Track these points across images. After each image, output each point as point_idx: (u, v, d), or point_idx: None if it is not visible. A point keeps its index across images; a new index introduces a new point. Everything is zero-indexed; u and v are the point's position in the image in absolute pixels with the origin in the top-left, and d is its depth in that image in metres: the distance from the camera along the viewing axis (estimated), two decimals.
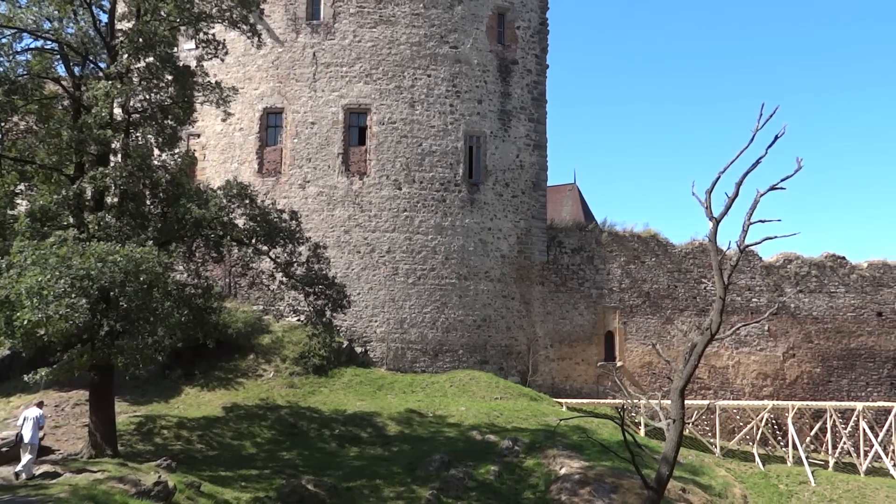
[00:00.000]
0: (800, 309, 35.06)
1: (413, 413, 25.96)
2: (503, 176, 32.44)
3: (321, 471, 21.43)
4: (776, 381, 34.41)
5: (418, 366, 30.31)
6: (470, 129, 31.89)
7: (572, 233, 34.05)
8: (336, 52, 31.35)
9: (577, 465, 21.73)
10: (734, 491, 24.17)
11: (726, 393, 33.60)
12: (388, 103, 31.17)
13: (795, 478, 27.20)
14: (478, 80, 32.22)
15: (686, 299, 34.25)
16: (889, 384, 35.16)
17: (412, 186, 30.94)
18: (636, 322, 33.68)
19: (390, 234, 30.61)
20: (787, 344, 34.78)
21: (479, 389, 28.61)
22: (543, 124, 33.70)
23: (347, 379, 28.28)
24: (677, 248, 34.76)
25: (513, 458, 22.62)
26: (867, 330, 35.36)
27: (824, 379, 34.73)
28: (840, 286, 35.58)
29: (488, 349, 31.33)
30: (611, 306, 33.54)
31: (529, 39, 33.69)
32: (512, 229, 32.35)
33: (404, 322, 30.31)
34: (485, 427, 24.82)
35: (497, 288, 31.71)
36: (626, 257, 34.02)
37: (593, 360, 33.01)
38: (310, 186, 30.88)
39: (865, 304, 35.54)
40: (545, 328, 32.61)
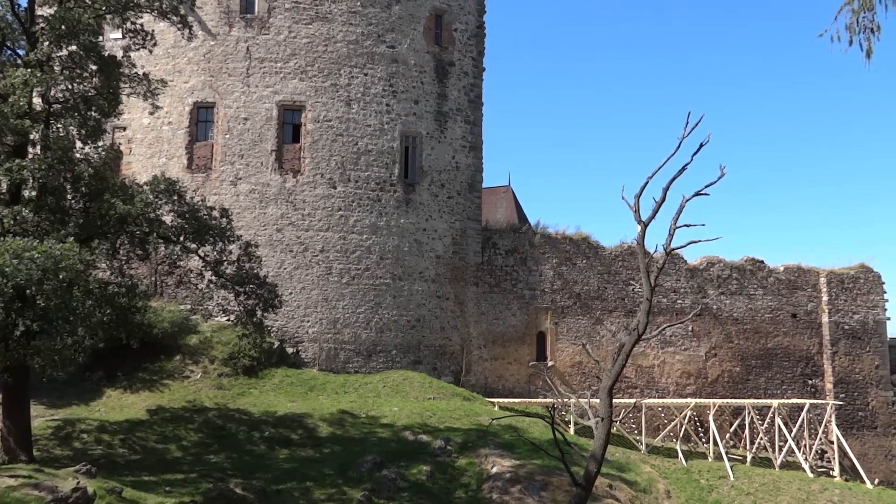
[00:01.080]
0: (721, 310, 36.49)
1: (345, 414, 25.73)
2: (439, 177, 32.55)
3: (250, 474, 20.99)
4: (699, 379, 35.71)
5: (351, 366, 30.08)
6: (406, 129, 31.86)
7: (506, 234, 34.47)
8: (270, 47, 30.79)
9: (508, 464, 21.99)
10: (658, 486, 24.94)
11: (652, 391, 34.66)
12: (323, 101, 30.82)
13: (716, 472, 28.28)
14: (415, 81, 32.22)
15: (615, 300, 35.14)
16: (802, 382, 37.01)
17: (347, 185, 30.69)
18: (567, 322, 34.35)
19: (324, 233, 30.27)
20: (710, 344, 36.14)
21: (413, 390, 28.60)
22: (479, 126, 33.98)
23: (278, 380, 27.80)
24: (607, 250, 35.63)
25: (445, 457, 22.71)
26: (783, 330, 37.12)
27: (743, 377, 36.26)
28: (759, 289, 37.21)
29: (422, 349, 31.37)
30: (543, 307, 34.10)
31: (466, 42, 33.92)
32: (447, 230, 32.49)
33: (338, 322, 30.03)
34: (418, 427, 24.83)
35: (432, 288, 31.79)
36: (558, 259, 34.65)
37: (525, 359, 33.49)
38: (241, 183, 30.22)
39: (781, 305, 37.29)
40: (479, 328, 32.89)
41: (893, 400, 37.66)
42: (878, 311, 37.92)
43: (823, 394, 36.80)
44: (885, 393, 37.48)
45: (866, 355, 37.47)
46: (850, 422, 36.49)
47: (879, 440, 37.11)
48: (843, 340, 37.33)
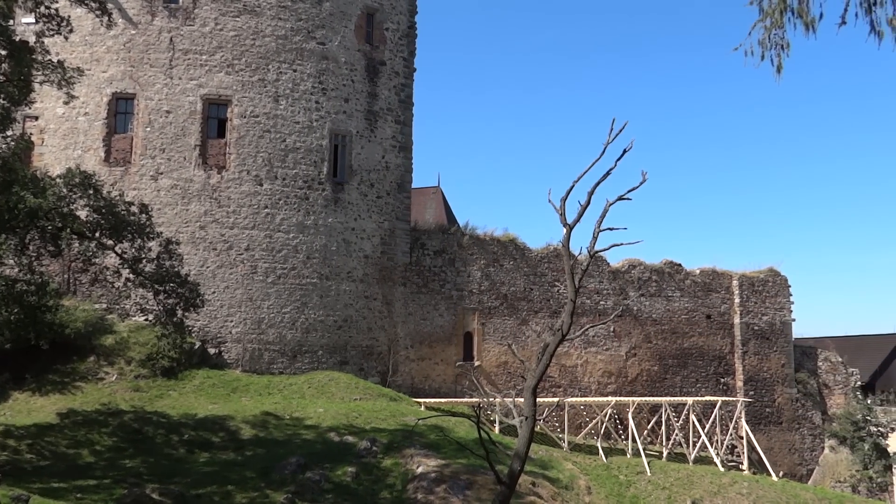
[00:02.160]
0: (641, 311, 37.73)
1: (269, 415, 25.24)
2: (368, 176, 32.38)
3: (167, 478, 20.32)
4: (619, 378, 36.82)
5: (276, 367, 29.55)
6: (336, 127, 31.55)
7: (435, 235, 34.61)
8: (196, 39, 29.91)
9: (433, 464, 22.09)
10: (579, 483, 25.56)
11: (575, 390, 35.49)
12: (250, 96, 30.16)
13: (634, 468, 29.21)
14: (345, 79, 31.95)
15: (540, 301, 35.81)
16: (715, 380, 38.69)
17: (274, 183, 30.13)
18: (494, 323, 34.77)
19: (250, 231, 29.63)
20: (630, 344, 37.32)
21: (339, 390, 28.34)
22: (410, 127, 33.99)
23: (199, 381, 27.02)
24: (534, 252, 36.27)
25: (371, 458, 22.61)
26: (698, 331, 38.71)
27: (661, 376, 37.61)
28: (676, 291, 38.67)
29: (349, 350, 31.12)
30: (470, 307, 34.41)
31: (398, 42, 33.88)
32: (376, 230, 32.35)
33: (262, 322, 29.44)
34: (343, 428, 24.62)
35: (359, 288, 31.59)
36: (485, 260, 35.03)
37: (452, 360, 33.71)
38: (163, 178, 29.23)
39: (697, 307, 38.88)
40: (406, 329, 32.89)
41: (797, 397, 39.88)
42: (785, 313, 40.05)
43: (734, 391, 38.59)
44: (789, 390, 39.64)
45: (774, 354, 39.51)
46: (758, 418, 38.40)
47: (784, 435, 39.21)
48: (753, 340, 39.24)
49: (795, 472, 38.27)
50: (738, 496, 27.33)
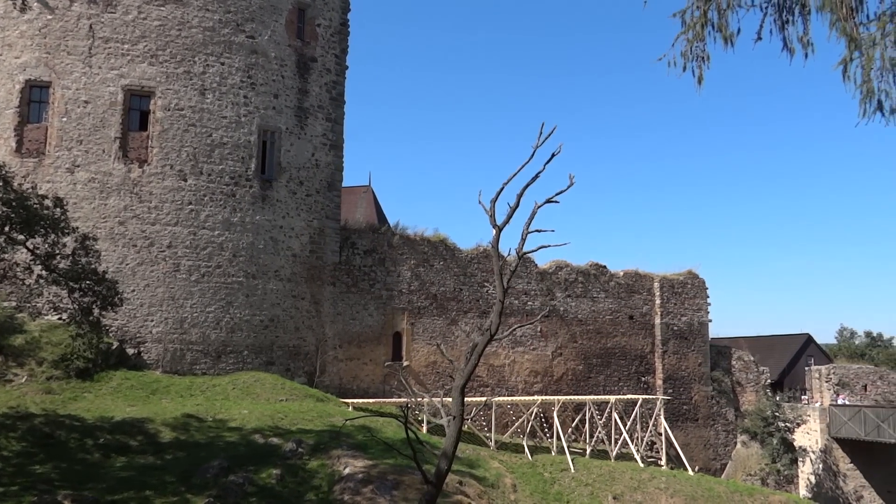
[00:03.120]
0: (567, 312, 38.57)
1: (191, 418, 24.51)
2: (298, 174, 31.89)
3: (81, 485, 19.46)
4: (545, 377, 37.53)
5: (199, 368, 28.74)
6: (265, 123, 30.95)
7: (365, 234, 34.41)
8: (117, 27, 28.77)
9: (360, 465, 21.95)
10: (506, 481, 25.91)
11: (502, 389, 35.97)
12: (175, 88, 29.23)
13: (558, 466, 29.83)
14: (275, 74, 31.38)
15: (470, 301, 36.11)
16: (636, 379, 39.94)
17: (199, 178, 29.30)
18: (423, 323, 34.85)
19: (172, 227, 28.72)
20: (556, 344, 38.09)
21: (264, 391, 27.80)
22: (341, 125, 33.67)
23: (116, 383, 25.98)
24: (464, 252, 36.54)
25: (296, 460, 22.27)
26: (621, 331, 39.87)
27: (585, 375, 38.55)
28: (601, 292, 39.72)
29: (275, 350, 30.58)
30: (400, 307, 34.37)
31: (330, 38, 33.51)
32: (305, 228, 31.90)
33: (185, 321, 28.58)
34: (268, 430, 24.15)
35: (287, 287, 31.08)
36: (416, 260, 35.06)
37: (381, 360, 33.59)
38: (80, 171, 27.99)
39: (620, 308, 40.04)
40: (335, 328, 32.57)
41: (712, 394, 41.61)
42: (702, 314, 41.73)
43: (654, 389, 39.95)
44: (705, 388, 41.34)
45: (691, 354, 41.11)
46: (676, 415, 39.88)
47: (700, 431, 40.86)
48: (672, 340, 40.72)
49: (710, 467, 39.93)
50: (656, 490, 28.29)
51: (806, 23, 12.45)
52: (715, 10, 12.78)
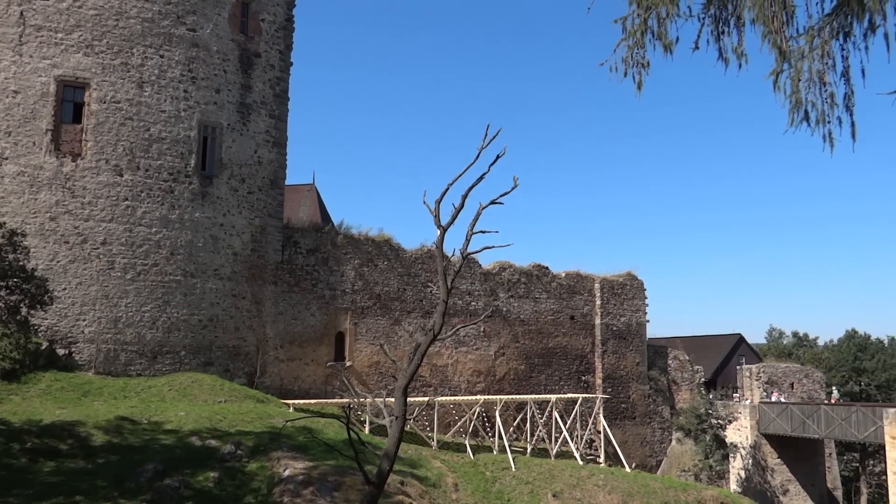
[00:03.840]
0: (510, 312, 38.98)
1: (124, 420, 23.76)
2: (239, 171, 31.29)
3: (6, 490, 18.63)
4: (488, 377, 37.83)
5: (133, 369, 27.90)
6: (205, 118, 30.26)
7: (308, 233, 34.01)
8: (50, 14, 27.68)
9: (301, 466, 21.69)
10: (447, 480, 26.01)
11: (445, 389, 36.09)
12: (111, 80, 28.30)
13: (499, 464, 30.11)
14: (217, 69, 30.71)
15: (414, 302, 36.11)
16: (577, 378, 40.67)
17: (136, 174, 28.44)
18: (366, 323, 34.67)
19: (107, 224, 27.79)
20: (499, 344, 38.44)
21: (202, 393, 27.17)
22: (284, 122, 33.18)
23: (46, 385, 24.98)
24: (408, 252, 36.52)
25: (235, 462, 21.85)
26: (562, 331, 40.53)
27: (527, 374, 39.03)
28: (543, 293, 40.28)
29: (214, 350, 29.94)
30: (343, 307, 34.11)
31: (274, 34, 32.99)
32: (246, 226, 31.32)
33: (119, 321, 27.71)
34: (206, 432, 23.62)
35: (227, 286, 30.46)
36: (360, 260, 34.85)
37: (323, 360, 33.27)
38: (8, 164, 26.82)
39: (562, 308, 40.70)
40: (276, 328, 32.09)
41: (649, 393, 42.71)
42: (641, 315, 42.78)
43: (594, 388, 40.75)
44: (642, 387, 42.39)
45: (629, 353, 42.09)
46: (615, 413, 40.77)
47: (637, 429, 41.88)
48: (612, 340, 41.61)
49: (646, 464, 40.97)
50: (594, 488, 28.86)
51: (740, 34, 12.93)
52: (655, 18, 13.15)
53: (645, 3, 13.11)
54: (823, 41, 12.47)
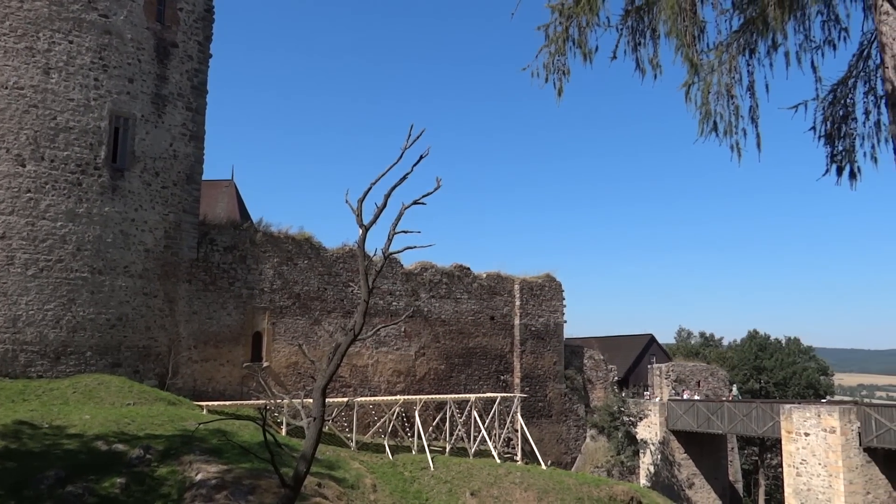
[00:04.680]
0: (431, 312, 39.14)
1: (23, 425, 22.45)
2: (153, 164, 30.12)
3: None
4: (408, 377, 37.85)
5: (34, 370, 26.40)
6: (117, 108, 28.97)
7: (226, 230, 33.10)
8: None
9: (214, 470, 21.09)
10: (366, 481, 25.88)
11: (365, 390, 35.88)
12: (14, 65, 26.70)
13: (418, 464, 30.19)
14: (130, 58, 29.46)
15: (334, 301, 35.72)
16: (496, 378, 41.24)
17: (40, 165, 26.93)
18: (285, 323, 34.05)
19: (7, 216, 26.20)
20: (420, 344, 38.53)
21: (109, 395, 26.01)
22: (202, 115, 32.16)
23: None
24: (329, 251, 36.09)
25: (144, 467, 21.01)
26: (482, 331, 41.01)
27: (447, 374, 39.28)
28: (464, 293, 40.65)
29: (123, 351, 28.71)
30: (261, 307, 33.38)
31: (193, 24, 31.93)
32: (160, 222, 30.18)
33: (19, 320, 26.16)
34: (112, 436, 22.61)
35: (138, 284, 29.27)
36: (279, 258, 34.20)
37: (239, 361, 32.45)
38: None
39: (482, 309, 41.18)
40: (190, 328, 31.07)
41: (565, 391, 43.78)
42: (558, 315, 43.80)
43: (512, 388, 41.43)
44: (559, 386, 43.41)
45: (547, 353, 43.02)
46: (532, 411, 41.59)
47: (553, 427, 42.86)
48: (530, 340, 42.42)
49: (562, 461, 41.99)
50: (511, 485, 29.35)
51: (655, 46, 13.46)
52: (576, 27, 13.52)
53: (566, 12, 13.45)
54: (731, 56, 13.13)
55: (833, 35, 12.79)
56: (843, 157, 13.27)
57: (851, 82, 13.01)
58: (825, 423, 33.25)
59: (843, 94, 13.12)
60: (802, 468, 33.95)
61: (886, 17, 10.85)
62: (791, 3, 11.97)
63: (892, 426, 31.67)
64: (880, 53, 11.05)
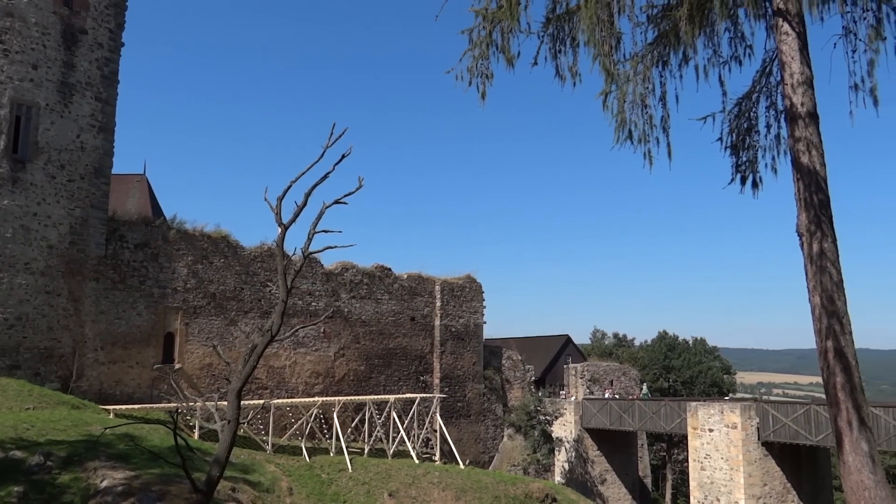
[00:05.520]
0: (352, 313, 38.83)
1: None
2: (59, 156, 28.59)
3: None
4: (327, 378, 37.41)
5: None
6: (19, 96, 27.35)
7: (137, 227, 31.78)
8: None
9: (121, 476, 20.21)
10: (281, 485, 25.41)
11: (282, 391, 35.22)
12: None
13: (336, 466, 29.88)
14: (34, 42, 27.87)
15: (251, 301, 34.90)
16: (415, 378, 41.32)
17: None
18: (199, 323, 33.02)
19: None
20: (339, 345, 38.15)
21: (7, 399, 24.51)
22: (113, 106, 30.75)
23: None
24: (247, 250, 35.25)
25: (44, 474, 19.91)
26: (402, 332, 41.00)
27: (367, 375, 39.07)
28: (385, 294, 40.53)
29: (22, 352, 27.11)
30: (173, 306, 32.24)
31: (104, 11, 30.50)
32: (65, 217, 28.68)
33: None
34: (10, 442, 21.31)
35: (40, 282, 27.71)
36: (194, 256, 33.13)
37: (150, 362, 31.24)
38: None
39: (403, 309, 41.17)
40: (96, 329, 29.67)
41: (484, 392, 44.33)
42: (478, 316, 44.31)
43: (432, 388, 41.61)
44: (478, 386, 43.92)
45: (467, 353, 43.44)
46: (451, 411, 41.89)
47: (472, 426, 43.31)
48: (450, 341, 42.72)
49: (480, 460, 42.48)
50: (430, 485, 29.46)
51: (575, 55, 13.85)
52: (499, 32, 13.74)
53: (490, 17, 13.65)
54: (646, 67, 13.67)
55: (739, 52, 13.53)
56: (746, 168, 14.05)
57: (755, 97, 13.79)
58: (728, 420, 34.98)
59: (747, 107, 13.89)
60: (706, 462, 35.61)
61: (786, 36, 11.57)
62: (701, 19, 12.57)
63: (788, 422, 33.66)
64: (780, 71, 11.76)
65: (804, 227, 11.04)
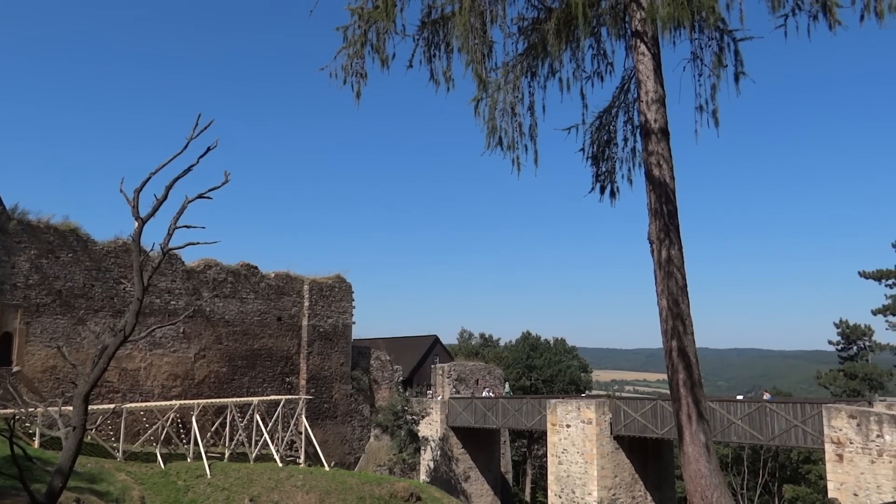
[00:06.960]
0: (214, 312, 37.26)
1: None
2: None
3: None
4: (186, 380, 35.67)
5: None
6: None
7: None
8: None
9: None
10: (133, 494, 23.97)
11: (136, 395, 33.20)
12: None
13: (194, 472, 28.57)
14: None
15: (103, 299, 32.64)
16: (281, 380, 40.32)
17: None
18: (42, 322, 30.45)
19: None
20: (200, 345, 36.48)
21: None
22: None
23: None
24: (99, 245, 32.94)
25: None
26: (269, 333, 39.88)
27: (230, 377, 37.63)
28: (251, 293, 39.24)
29: None
30: (12, 304, 29.52)
31: None
32: None
33: None
34: None
35: None
36: (37, 250, 30.50)
37: None
38: None
39: (269, 309, 40.05)
40: None
41: (351, 392, 44.03)
42: (347, 316, 43.92)
43: (298, 390, 40.77)
44: (345, 387, 43.56)
45: (335, 354, 42.95)
46: (317, 413, 41.25)
47: (338, 427, 42.87)
48: (318, 342, 42.06)
49: (346, 461, 42.11)
50: (293, 488, 28.86)
51: (449, 60, 14.10)
52: (374, 32, 13.72)
53: (366, 16, 13.61)
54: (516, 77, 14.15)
55: (602, 68, 14.33)
56: (605, 178, 14.90)
57: (614, 111, 14.66)
58: (584, 416, 36.88)
59: (607, 121, 14.74)
60: (563, 457, 37.34)
61: (643, 56, 12.40)
62: (567, 34, 13.19)
63: (637, 416, 35.99)
64: (637, 88, 12.59)
65: (654, 235, 11.87)
